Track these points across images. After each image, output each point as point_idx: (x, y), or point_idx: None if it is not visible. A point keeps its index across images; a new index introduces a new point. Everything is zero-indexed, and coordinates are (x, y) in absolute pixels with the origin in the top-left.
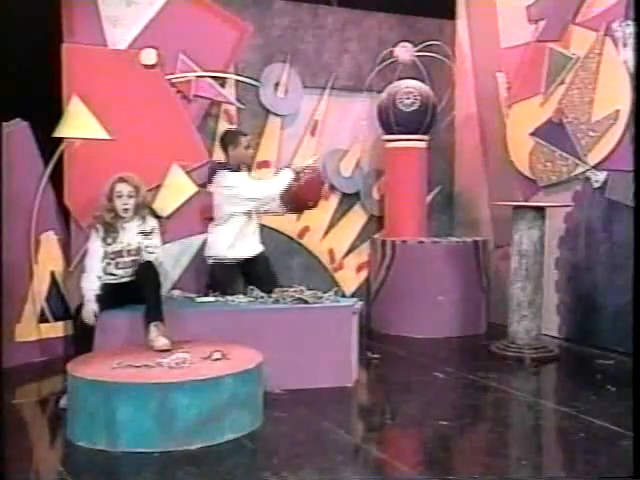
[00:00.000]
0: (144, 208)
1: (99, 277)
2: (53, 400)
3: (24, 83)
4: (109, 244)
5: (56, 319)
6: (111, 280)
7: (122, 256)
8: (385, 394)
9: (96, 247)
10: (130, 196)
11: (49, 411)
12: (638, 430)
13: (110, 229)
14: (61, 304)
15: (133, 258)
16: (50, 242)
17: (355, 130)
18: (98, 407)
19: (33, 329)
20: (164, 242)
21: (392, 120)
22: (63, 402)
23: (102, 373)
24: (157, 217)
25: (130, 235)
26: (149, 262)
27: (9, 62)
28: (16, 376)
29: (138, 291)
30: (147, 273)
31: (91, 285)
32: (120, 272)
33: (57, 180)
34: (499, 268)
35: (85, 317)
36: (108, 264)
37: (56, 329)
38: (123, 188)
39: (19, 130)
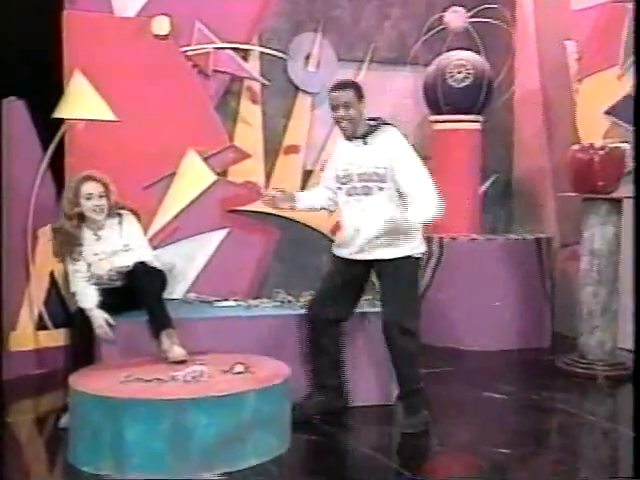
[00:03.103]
0: (117, 208)
1: (95, 285)
2: (52, 419)
3: (20, 56)
4: (77, 260)
5: (56, 326)
6: (104, 286)
7: (111, 264)
8: (432, 415)
9: (80, 265)
10: (101, 196)
11: (48, 431)
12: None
13: (75, 242)
14: (62, 309)
15: (123, 263)
16: (49, 238)
17: (397, 109)
18: (104, 427)
19: (30, 337)
20: (178, 239)
21: (441, 98)
22: (64, 421)
23: (108, 388)
24: (135, 215)
25: (111, 241)
26: (142, 264)
27: (3, 32)
28: (11, 391)
29: (135, 297)
30: (143, 276)
31: (91, 298)
32: (113, 280)
33: (57, 167)
34: (566, 270)
35: (99, 332)
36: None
37: (56, 337)
38: (93, 188)
39: (14, 110)
